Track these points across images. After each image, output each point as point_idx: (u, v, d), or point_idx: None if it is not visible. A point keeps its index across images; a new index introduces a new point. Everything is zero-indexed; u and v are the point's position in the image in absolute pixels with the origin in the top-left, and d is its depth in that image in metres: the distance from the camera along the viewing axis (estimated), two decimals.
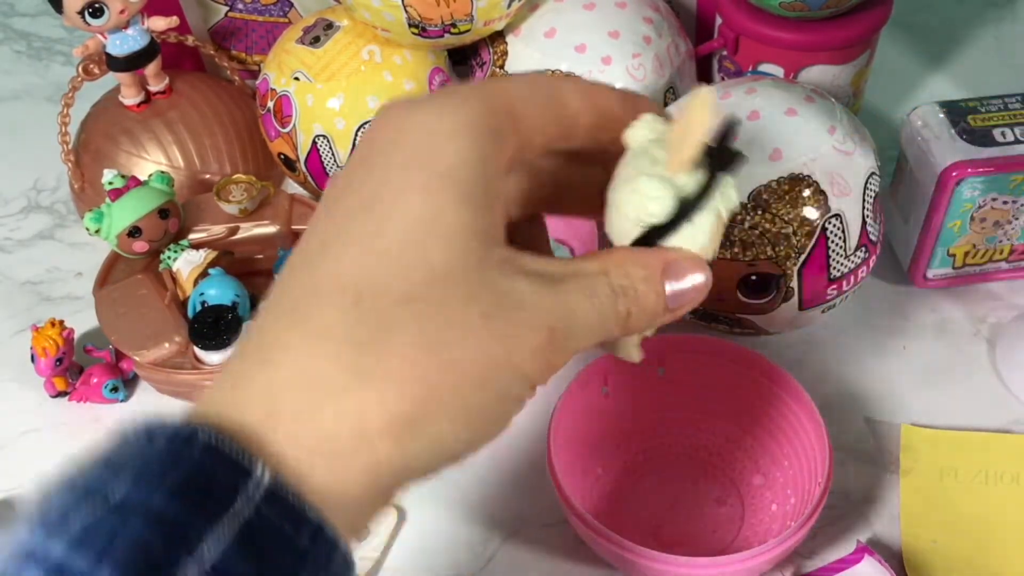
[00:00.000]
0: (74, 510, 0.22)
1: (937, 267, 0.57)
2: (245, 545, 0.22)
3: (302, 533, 0.23)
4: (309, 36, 0.59)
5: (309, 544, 0.24)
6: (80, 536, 0.22)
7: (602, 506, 0.49)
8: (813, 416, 0.46)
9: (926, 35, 0.77)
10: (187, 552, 0.22)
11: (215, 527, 0.22)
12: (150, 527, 0.22)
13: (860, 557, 0.45)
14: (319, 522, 0.24)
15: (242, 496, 0.23)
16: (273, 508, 0.23)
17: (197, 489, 0.23)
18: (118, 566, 0.21)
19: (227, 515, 0.22)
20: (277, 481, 0.23)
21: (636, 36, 0.57)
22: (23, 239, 0.67)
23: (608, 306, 0.29)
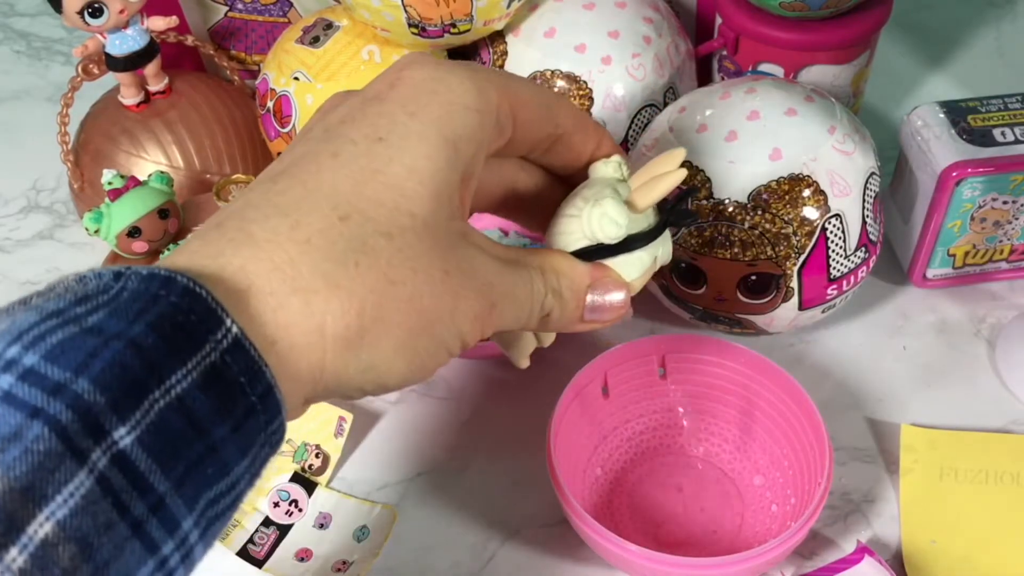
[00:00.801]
0: (46, 328, 0.23)
1: (937, 267, 0.57)
2: (207, 386, 0.24)
3: (255, 388, 0.26)
4: (309, 36, 0.59)
5: (258, 401, 0.26)
6: (56, 350, 0.23)
7: (602, 506, 0.49)
8: (813, 416, 0.46)
9: (926, 35, 0.77)
10: (158, 381, 0.23)
11: (186, 363, 0.24)
12: (129, 352, 0.23)
13: (860, 557, 0.45)
14: (270, 384, 0.26)
15: (212, 341, 0.25)
16: (236, 359, 0.25)
17: (174, 326, 0.24)
18: (95, 382, 0.22)
19: (198, 355, 0.24)
20: (244, 335, 0.25)
21: (636, 36, 0.57)
22: (23, 239, 0.67)
23: (538, 300, 0.33)
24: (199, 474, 0.24)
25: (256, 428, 0.26)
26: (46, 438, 0.22)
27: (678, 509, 0.49)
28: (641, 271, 0.35)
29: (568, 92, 0.56)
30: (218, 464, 0.25)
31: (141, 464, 0.23)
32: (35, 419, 0.22)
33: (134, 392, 0.23)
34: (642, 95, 0.57)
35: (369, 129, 0.30)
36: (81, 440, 0.22)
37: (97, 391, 0.22)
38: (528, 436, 0.50)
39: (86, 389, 0.22)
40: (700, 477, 0.50)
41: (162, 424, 0.23)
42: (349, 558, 0.47)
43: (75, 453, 0.22)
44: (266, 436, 0.26)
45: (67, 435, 0.22)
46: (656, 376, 0.51)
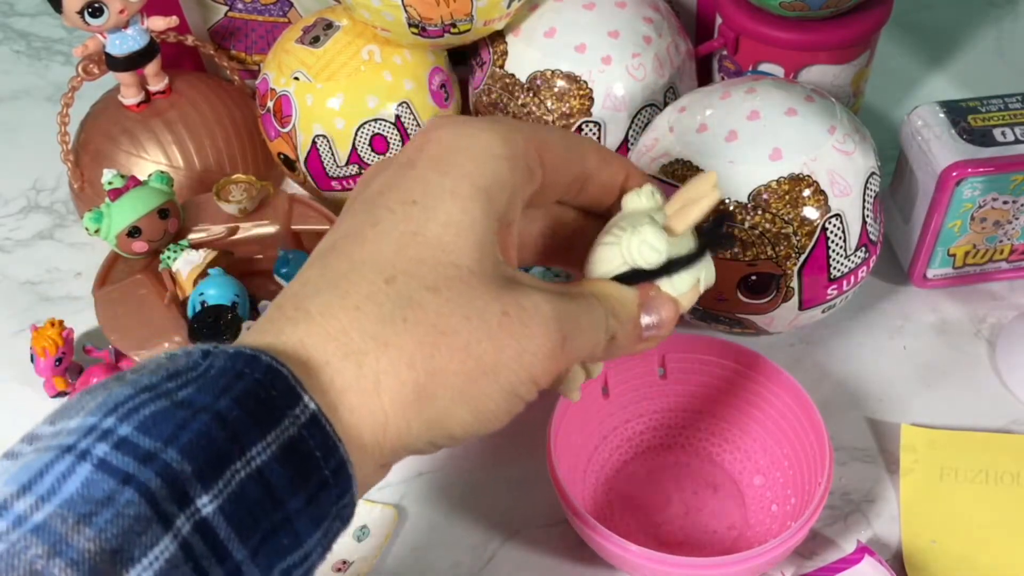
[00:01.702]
0: (138, 401, 0.25)
1: (937, 267, 0.57)
2: (285, 459, 0.26)
3: (329, 463, 0.27)
4: (309, 36, 0.59)
5: (331, 475, 0.27)
6: (147, 422, 0.24)
7: (602, 506, 0.49)
8: (813, 416, 0.46)
9: (926, 35, 0.77)
10: (240, 452, 0.25)
11: (266, 437, 0.25)
12: (215, 425, 0.25)
13: (860, 557, 0.45)
14: (343, 458, 0.27)
15: (291, 416, 0.26)
16: (312, 433, 0.26)
17: (257, 401, 0.26)
18: (186, 454, 0.24)
19: (277, 429, 0.26)
20: (321, 412, 0.27)
21: (636, 36, 0.57)
22: (23, 239, 0.67)
23: (602, 324, 0.32)
24: (274, 544, 0.25)
25: (328, 501, 0.27)
26: (136, 503, 0.23)
27: (678, 509, 0.49)
28: (685, 295, 0.35)
29: (568, 92, 0.56)
30: (292, 535, 0.26)
31: (221, 532, 0.24)
32: (127, 485, 0.23)
33: (218, 462, 0.24)
34: (642, 95, 0.57)
35: (404, 195, 0.31)
36: (168, 506, 0.23)
37: (184, 460, 0.24)
38: (528, 436, 0.50)
39: (174, 458, 0.24)
40: (700, 477, 0.50)
41: (242, 494, 0.25)
42: (349, 558, 0.47)
43: (161, 518, 0.23)
44: (337, 510, 0.27)
45: (155, 501, 0.23)
46: (656, 376, 0.51)
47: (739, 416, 0.50)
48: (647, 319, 0.34)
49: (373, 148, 0.58)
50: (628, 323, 0.33)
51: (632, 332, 0.34)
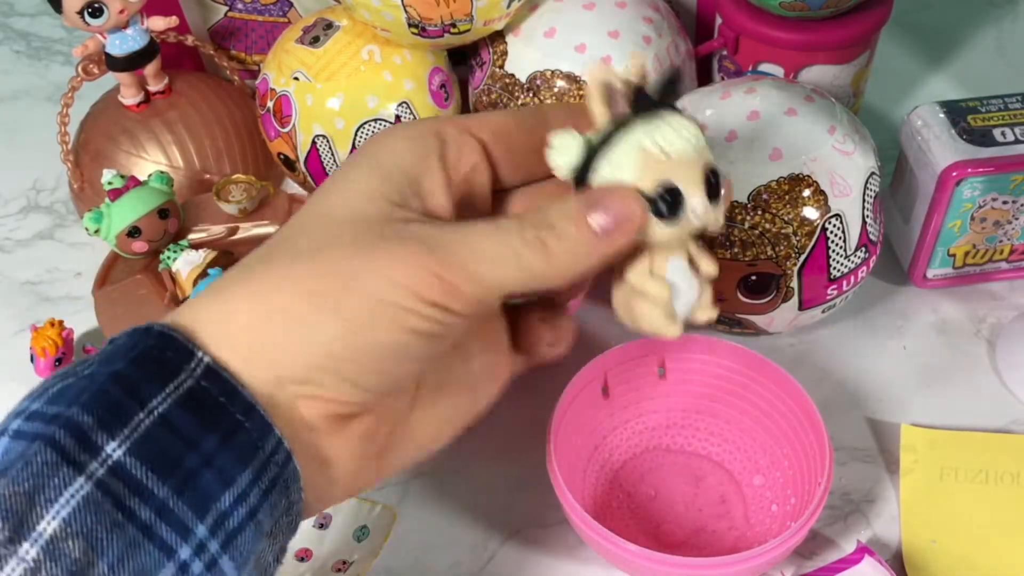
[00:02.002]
0: (52, 383, 0.28)
1: (937, 267, 0.57)
2: (188, 406, 0.28)
3: (235, 405, 0.28)
4: (309, 36, 0.59)
5: (243, 417, 0.28)
6: (55, 395, 0.28)
7: (602, 506, 0.49)
8: (813, 416, 0.46)
9: (926, 35, 0.77)
10: (139, 403, 0.27)
11: (164, 389, 0.28)
12: (110, 383, 0.27)
13: (860, 557, 0.45)
14: (249, 400, 0.29)
15: (186, 370, 0.28)
16: (211, 382, 0.28)
17: (150, 361, 0.28)
18: (84, 408, 0.27)
19: (174, 382, 0.28)
20: (215, 363, 0.29)
21: (636, 36, 0.57)
22: (22, 239, 0.67)
23: (512, 234, 0.31)
24: (198, 482, 0.27)
25: (248, 443, 0.28)
26: (43, 452, 0.26)
27: (678, 509, 0.49)
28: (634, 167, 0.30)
29: (568, 92, 0.56)
30: (215, 473, 0.27)
31: (136, 471, 0.26)
32: (35, 441, 0.26)
33: (119, 412, 0.27)
34: None
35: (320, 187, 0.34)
36: (77, 454, 0.26)
37: (84, 413, 0.27)
38: (528, 436, 0.50)
39: (76, 413, 0.27)
40: (700, 477, 0.50)
41: (150, 438, 0.27)
42: (349, 558, 0.47)
43: (71, 463, 0.26)
44: (265, 454, 0.29)
45: (62, 448, 0.26)
46: (656, 376, 0.51)
47: (739, 416, 0.50)
48: (595, 218, 0.30)
49: None
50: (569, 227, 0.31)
51: (577, 232, 0.31)
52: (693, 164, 0.31)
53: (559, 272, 0.31)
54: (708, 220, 0.32)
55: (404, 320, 0.30)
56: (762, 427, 0.49)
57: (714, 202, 0.31)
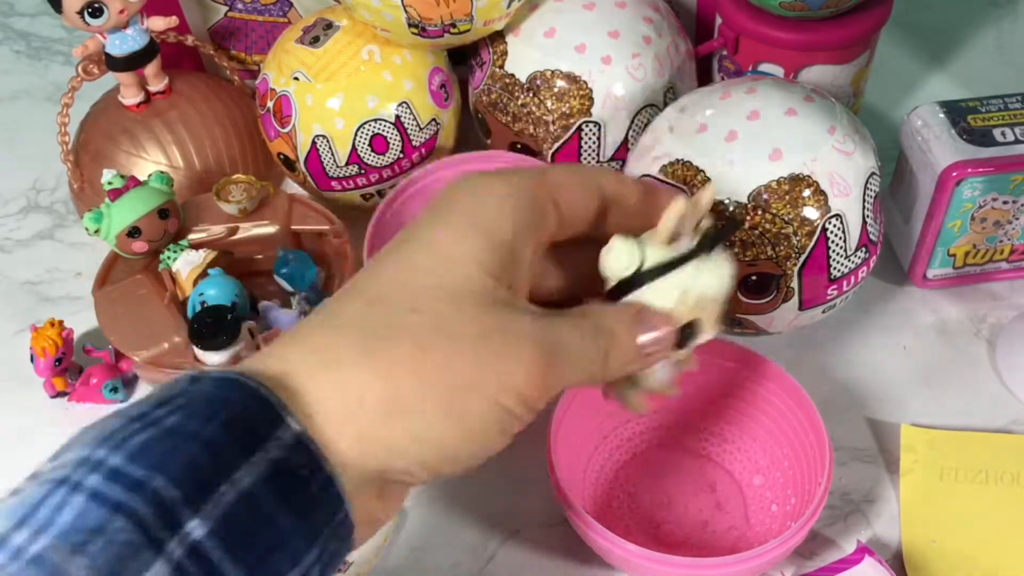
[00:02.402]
0: (127, 429, 0.26)
1: (937, 267, 0.57)
2: (271, 481, 0.26)
3: (316, 480, 0.27)
4: (309, 36, 0.59)
5: (320, 492, 0.27)
6: (137, 452, 0.26)
7: (602, 506, 0.49)
8: (813, 416, 0.46)
9: (926, 35, 0.77)
10: (227, 476, 0.26)
11: (252, 459, 0.26)
12: (202, 451, 0.26)
13: (860, 557, 0.45)
14: (330, 475, 0.28)
15: (275, 439, 0.27)
16: (298, 454, 0.27)
17: (242, 426, 0.27)
18: (173, 480, 0.25)
19: (262, 451, 0.27)
20: (304, 432, 0.27)
21: (636, 36, 0.57)
22: (23, 239, 0.67)
23: (590, 340, 0.33)
24: (269, 563, 0.26)
25: (320, 519, 0.28)
26: (127, 530, 0.24)
27: (678, 509, 0.49)
28: (672, 301, 0.34)
29: (568, 92, 0.56)
30: (287, 554, 0.27)
31: (214, 555, 0.25)
32: (118, 513, 0.24)
33: (205, 486, 0.26)
34: (642, 95, 0.57)
35: (407, 234, 0.33)
36: (158, 531, 0.24)
37: (172, 486, 0.25)
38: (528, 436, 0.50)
39: (162, 485, 0.25)
40: (700, 477, 0.50)
41: (231, 515, 0.26)
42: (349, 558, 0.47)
43: (152, 543, 0.24)
44: (332, 529, 0.28)
45: (145, 527, 0.24)
46: None
47: (739, 416, 0.50)
48: (642, 335, 0.34)
49: (373, 148, 0.58)
50: (622, 336, 0.34)
51: (627, 348, 0.34)
52: (718, 304, 0.35)
53: (609, 376, 0.34)
54: None
55: (508, 423, 0.31)
56: (762, 427, 0.49)
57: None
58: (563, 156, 0.58)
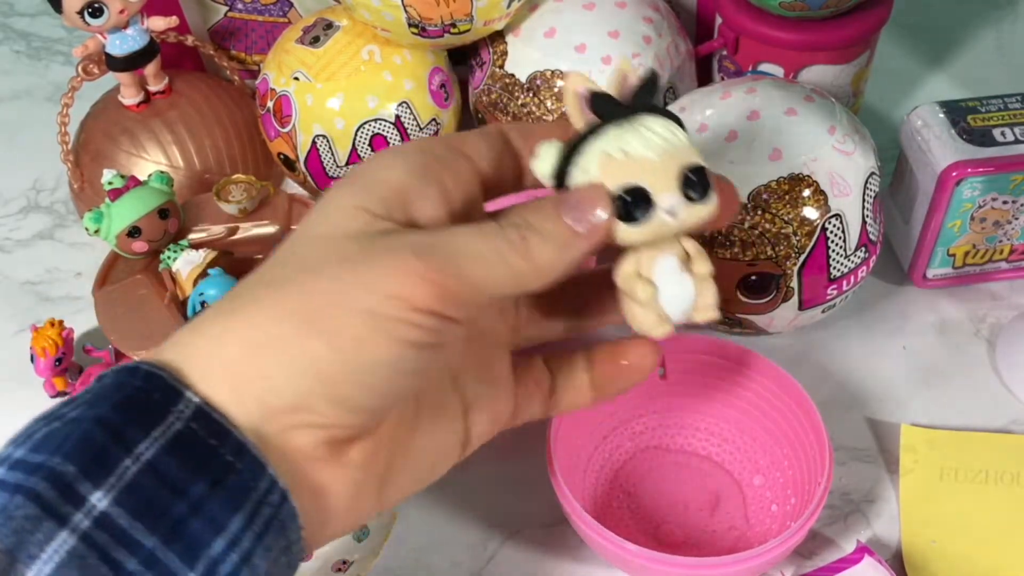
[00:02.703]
0: (37, 427, 0.27)
1: (937, 267, 0.57)
2: (176, 450, 0.27)
3: (226, 446, 0.27)
4: (309, 36, 0.59)
5: (234, 458, 0.27)
6: (39, 442, 0.27)
7: (602, 506, 0.49)
8: (813, 416, 0.46)
9: (926, 35, 0.77)
10: (125, 449, 0.26)
11: (151, 433, 0.27)
12: (95, 429, 0.26)
13: (860, 557, 0.45)
14: (242, 440, 0.28)
15: (174, 412, 0.27)
16: (201, 424, 0.27)
17: (137, 405, 0.27)
18: (68, 457, 0.26)
19: (162, 425, 0.27)
20: (205, 403, 0.28)
21: (636, 36, 0.57)
22: (23, 239, 0.67)
23: (495, 235, 0.31)
24: (187, 529, 0.26)
25: (240, 486, 0.27)
26: (24, 506, 0.25)
27: (678, 509, 0.49)
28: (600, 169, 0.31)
29: None
30: (205, 519, 0.27)
31: (123, 522, 0.25)
32: (16, 494, 0.25)
33: (104, 460, 0.26)
34: None
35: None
36: (60, 505, 0.25)
37: (67, 462, 0.26)
38: (528, 436, 0.50)
39: (59, 463, 0.26)
40: (700, 477, 0.50)
41: (136, 486, 0.26)
42: (349, 558, 0.47)
43: (54, 516, 0.25)
44: (259, 495, 0.28)
45: (43, 501, 0.25)
46: (656, 376, 0.51)
47: (739, 416, 0.50)
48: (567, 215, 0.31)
49: (373, 148, 0.58)
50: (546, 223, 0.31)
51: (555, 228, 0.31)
52: (664, 164, 0.31)
53: (542, 270, 0.31)
54: (690, 219, 0.31)
55: (398, 331, 0.29)
56: (762, 427, 0.49)
57: (697, 200, 0.31)
58: None
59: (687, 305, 0.33)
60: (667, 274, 0.32)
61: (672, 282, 0.33)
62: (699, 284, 0.33)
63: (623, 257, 0.33)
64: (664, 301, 0.33)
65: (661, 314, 0.33)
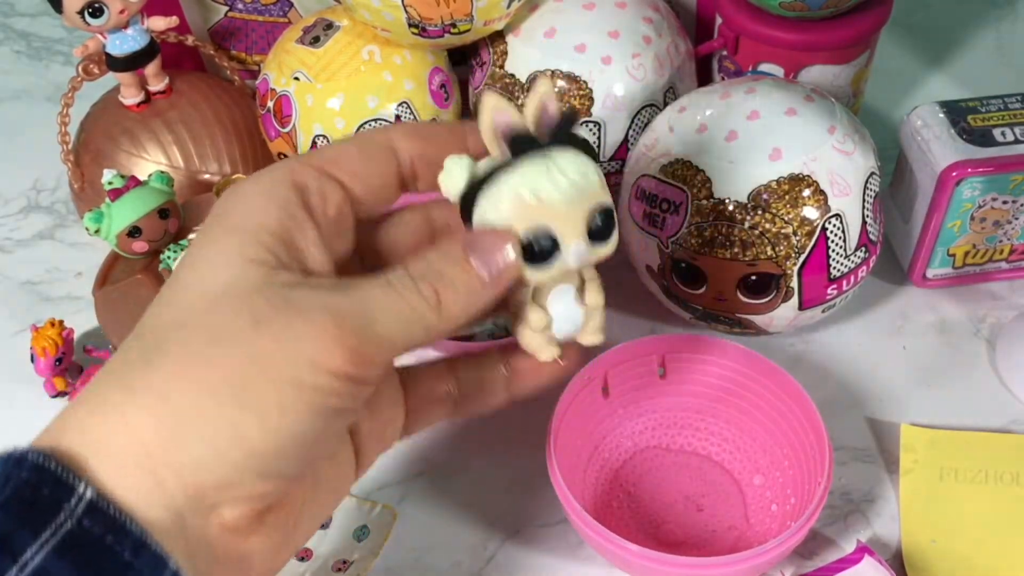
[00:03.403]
0: None
1: (937, 267, 0.57)
2: (68, 553, 0.24)
3: (124, 545, 0.25)
4: (309, 36, 0.59)
5: (132, 557, 0.25)
6: None
7: (602, 506, 0.49)
8: (813, 416, 0.46)
9: (926, 35, 0.77)
10: (11, 557, 0.24)
11: (39, 536, 0.24)
12: None
13: (860, 557, 0.45)
14: (141, 535, 0.25)
15: (65, 510, 0.25)
16: (95, 520, 0.25)
17: (22, 503, 0.25)
18: None
19: (51, 526, 0.24)
20: (99, 496, 0.25)
21: (636, 36, 0.57)
22: (23, 239, 0.67)
23: (409, 291, 0.30)
24: None
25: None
26: None
27: (678, 509, 0.49)
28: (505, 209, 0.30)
29: (568, 92, 0.56)
30: None
31: None
32: None
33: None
34: (642, 95, 0.57)
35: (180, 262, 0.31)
36: None
37: None
38: (528, 436, 0.50)
39: None
40: (700, 477, 0.50)
41: None
42: (349, 558, 0.47)
43: None
44: None
45: None
46: (656, 376, 0.51)
47: (739, 416, 0.50)
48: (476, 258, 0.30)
49: None
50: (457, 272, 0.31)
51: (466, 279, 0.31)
52: (573, 209, 0.31)
53: (453, 321, 0.31)
54: (592, 259, 0.32)
55: (319, 399, 0.28)
56: (762, 427, 0.49)
57: (600, 243, 0.32)
58: None
59: (574, 330, 0.34)
60: (561, 304, 0.33)
61: (564, 311, 0.34)
62: (589, 311, 0.34)
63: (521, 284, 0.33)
64: (556, 330, 0.34)
65: (552, 341, 0.34)
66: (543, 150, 0.31)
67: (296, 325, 0.28)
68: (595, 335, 0.35)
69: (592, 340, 0.35)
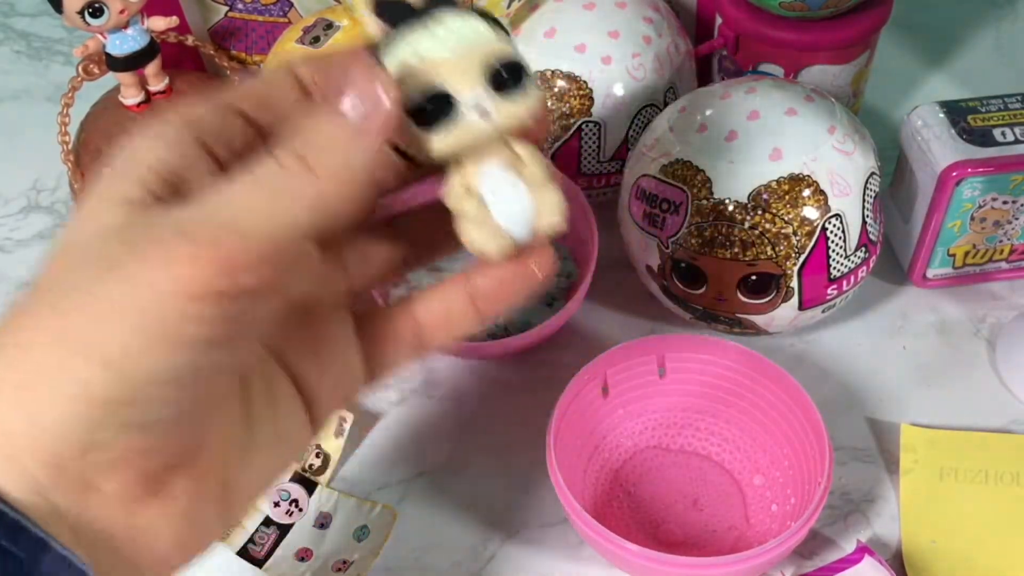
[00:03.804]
0: None
1: (937, 267, 0.57)
2: None
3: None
4: (309, 36, 0.59)
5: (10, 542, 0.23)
6: None
7: (602, 506, 0.49)
8: (813, 416, 0.46)
9: (926, 35, 0.77)
10: None
11: None
12: None
13: (860, 557, 0.45)
14: (16, 520, 0.23)
15: None
16: None
17: None
18: None
19: None
20: None
21: (636, 36, 0.57)
22: (23, 239, 0.67)
23: (269, 170, 0.26)
24: None
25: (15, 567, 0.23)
26: None
27: (678, 509, 0.49)
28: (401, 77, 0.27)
29: (568, 92, 0.56)
30: None
31: None
32: None
33: None
34: (642, 95, 0.57)
35: None
36: None
37: None
38: (528, 436, 0.50)
39: None
40: (700, 477, 0.50)
41: None
42: (349, 558, 0.47)
43: None
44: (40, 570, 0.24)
45: None
46: (656, 376, 0.51)
47: (739, 416, 0.50)
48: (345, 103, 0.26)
49: None
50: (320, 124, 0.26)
51: (333, 130, 0.26)
52: (463, 61, 0.27)
53: (335, 179, 0.26)
54: (505, 116, 0.28)
55: (180, 331, 0.24)
56: (762, 427, 0.49)
57: (510, 94, 0.28)
58: (563, 156, 0.58)
59: (526, 216, 0.30)
60: (495, 183, 0.29)
61: (502, 191, 0.29)
62: (537, 191, 0.30)
63: (450, 174, 0.30)
64: (498, 214, 0.29)
65: (496, 231, 0.29)
66: (424, 15, 0.28)
67: (151, 257, 0.24)
68: (551, 215, 0.29)
69: (550, 222, 0.30)
